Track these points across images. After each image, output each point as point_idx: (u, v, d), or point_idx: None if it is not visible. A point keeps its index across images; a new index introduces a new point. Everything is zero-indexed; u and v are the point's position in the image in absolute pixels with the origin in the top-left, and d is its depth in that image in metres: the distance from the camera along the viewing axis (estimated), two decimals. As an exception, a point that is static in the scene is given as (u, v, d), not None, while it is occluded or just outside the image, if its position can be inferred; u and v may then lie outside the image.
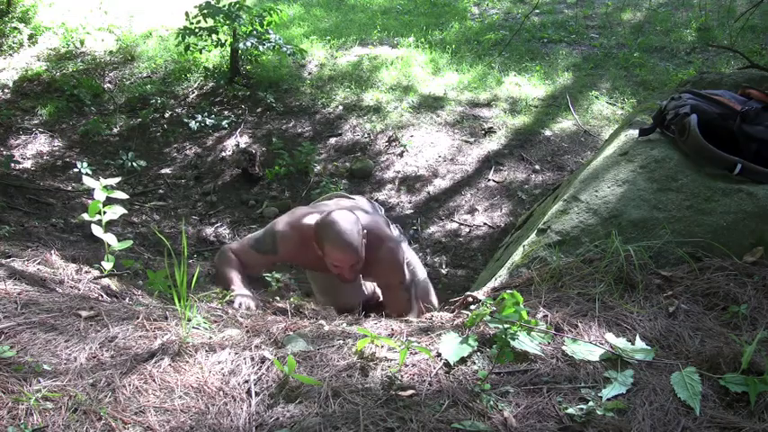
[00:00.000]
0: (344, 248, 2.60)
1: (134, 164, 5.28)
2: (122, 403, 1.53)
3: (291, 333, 1.87)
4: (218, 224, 4.78)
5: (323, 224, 2.67)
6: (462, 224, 4.64)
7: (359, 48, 6.98)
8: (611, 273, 2.11)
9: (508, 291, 1.93)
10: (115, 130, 5.72)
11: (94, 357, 1.69)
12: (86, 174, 4.87)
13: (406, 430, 1.46)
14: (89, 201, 3.19)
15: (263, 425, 1.49)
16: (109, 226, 2.49)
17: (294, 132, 5.66)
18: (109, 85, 6.31)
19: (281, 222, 2.85)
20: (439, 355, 1.75)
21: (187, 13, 5.90)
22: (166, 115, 5.87)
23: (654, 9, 7.99)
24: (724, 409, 1.58)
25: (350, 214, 2.71)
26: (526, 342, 1.77)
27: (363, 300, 3.30)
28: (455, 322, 2.00)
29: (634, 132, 2.79)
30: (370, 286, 3.50)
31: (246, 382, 1.63)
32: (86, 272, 2.44)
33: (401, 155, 5.30)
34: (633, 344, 1.80)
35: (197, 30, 5.82)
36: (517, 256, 2.55)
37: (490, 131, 5.52)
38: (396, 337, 1.87)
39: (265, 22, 6.01)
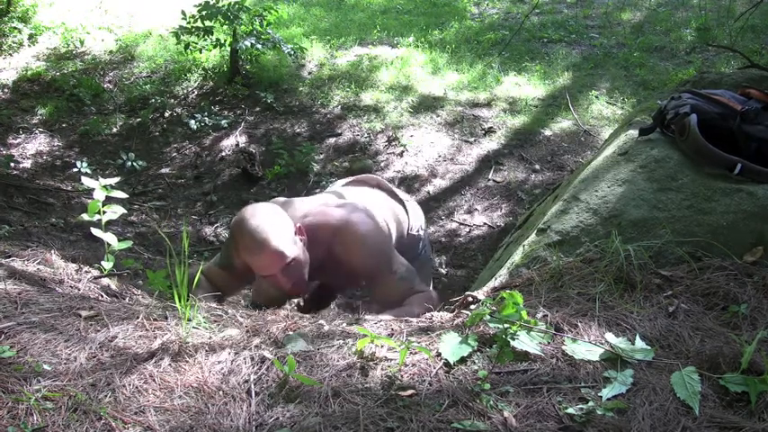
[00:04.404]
0: (258, 249, 2.13)
1: (134, 164, 5.28)
2: (122, 403, 1.53)
3: (291, 333, 1.87)
4: (218, 224, 4.78)
5: (232, 225, 2.22)
6: (462, 224, 4.64)
7: (358, 47, 6.97)
8: (610, 272, 2.11)
9: (508, 290, 1.93)
10: (115, 130, 5.71)
11: (94, 357, 1.69)
12: (86, 173, 4.87)
13: (406, 430, 1.46)
14: (89, 200, 3.19)
15: (263, 425, 1.50)
16: (108, 226, 2.49)
17: (293, 132, 5.66)
18: (108, 84, 6.30)
19: None
20: (439, 354, 1.75)
21: (183, 12, 5.89)
22: (166, 115, 5.87)
23: (654, 9, 7.99)
24: (724, 408, 1.58)
25: (265, 206, 2.25)
26: (526, 342, 1.77)
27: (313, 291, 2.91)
28: (455, 322, 1.99)
29: (634, 132, 2.79)
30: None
31: (246, 381, 1.63)
32: (86, 272, 2.44)
33: (401, 154, 5.30)
34: (633, 343, 1.80)
35: (193, 29, 5.81)
36: (517, 256, 2.54)
37: (490, 131, 5.52)
38: (396, 337, 1.87)
39: (265, 23, 6.01)
